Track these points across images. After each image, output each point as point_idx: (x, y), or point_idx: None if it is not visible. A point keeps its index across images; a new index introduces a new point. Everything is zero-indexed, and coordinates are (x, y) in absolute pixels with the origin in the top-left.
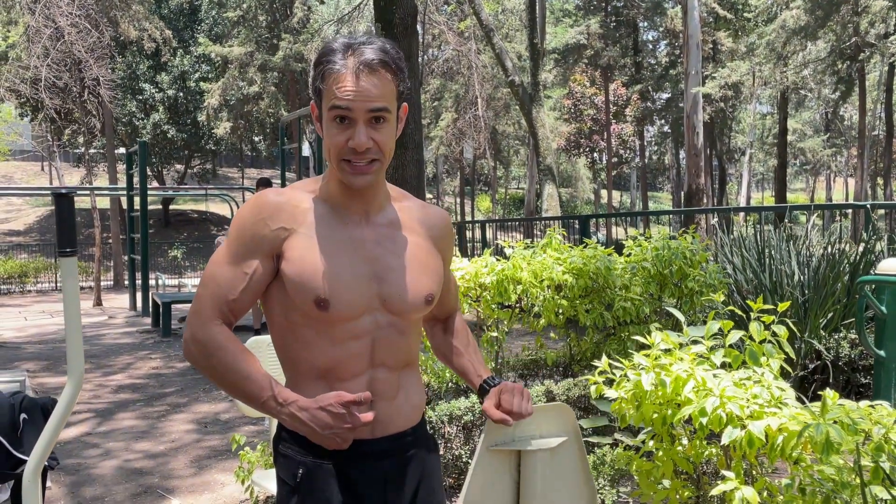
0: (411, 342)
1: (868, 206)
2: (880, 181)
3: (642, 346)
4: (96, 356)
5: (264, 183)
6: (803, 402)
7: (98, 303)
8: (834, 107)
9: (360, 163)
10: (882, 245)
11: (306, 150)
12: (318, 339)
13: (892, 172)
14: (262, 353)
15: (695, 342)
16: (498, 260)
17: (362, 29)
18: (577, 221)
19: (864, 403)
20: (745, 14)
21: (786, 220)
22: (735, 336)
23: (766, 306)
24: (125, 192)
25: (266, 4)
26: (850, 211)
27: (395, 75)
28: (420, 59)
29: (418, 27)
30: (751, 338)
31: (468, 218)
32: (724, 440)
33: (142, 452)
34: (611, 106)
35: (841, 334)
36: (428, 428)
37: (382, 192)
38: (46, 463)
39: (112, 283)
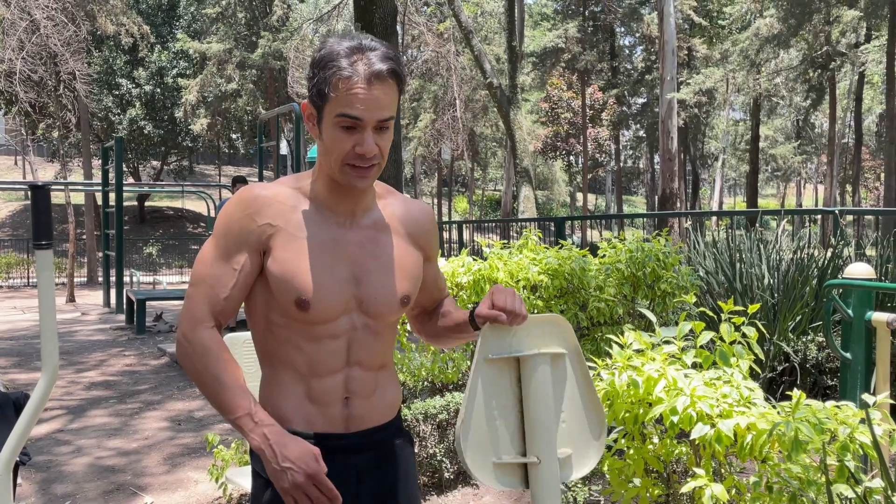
0: (386, 344)
1: (836, 211)
2: (849, 188)
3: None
4: (69, 353)
5: (240, 181)
6: (771, 403)
7: (71, 299)
8: (805, 114)
9: (364, 166)
10: (850, 250)
11: (284, 149)
12: (295, 337)
13: (860, 180)
14: (237, 350)
15: (666, 342)
16: (475, 260)
17: (341, 28)
18: (553, 223)
19: (830, 404)
20: (720, 21)
21: (757, 225)
22: (706, 337)
23: (737, 308)
24: (100, 188)
25: (245, 2)
26: (818, 216)
27: (399, 81)
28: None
29: (398, 28)
30: (721, 339)
31: (445, 218)
32: (694, 436)
33: (114, 450)
34: (587, 110)
35: (809, 337)
36: (403, 424)
37: (370, 193)
38: (18, 458)
39: (86, 279)
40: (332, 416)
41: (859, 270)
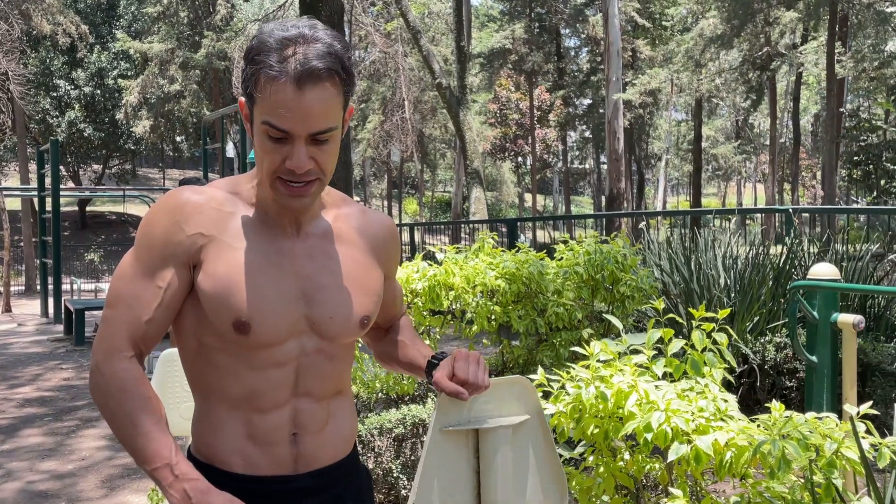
0: (342, 368)
1: (790, 209)
2: (787, 186)
3: (577, 357)
4: (2, 367)
5: (190, 183)
6: (743, 415)
7: (7, 309)
8: (745, 115)
9: (298, 184)
10: (804, 249)
11: (230, 151)
12: (234, 364)
13: (798, 178)
14: (178, 367)
15: (634, 351)
16: (430, 265)
17: None
18: (505, 225)
19: (811, 415)
20: (663, 23)
21: (711, 224)
22: (677, 345)
23: (709, 314)
24: (36, 193)
25: (188, 1)
26: (760, 214)
27: (343, 81)
28: None
29: (345, 27)
30: (692, 346)
31: (396, 221)
32: (671, 457)
33: (48, 473)
34: (535, 111)
35: (767, 338)
36: (359, 456)
37: (318, 202)
38: None
39: (24, 288)
40: (278, 457)
41: (824, 271)
